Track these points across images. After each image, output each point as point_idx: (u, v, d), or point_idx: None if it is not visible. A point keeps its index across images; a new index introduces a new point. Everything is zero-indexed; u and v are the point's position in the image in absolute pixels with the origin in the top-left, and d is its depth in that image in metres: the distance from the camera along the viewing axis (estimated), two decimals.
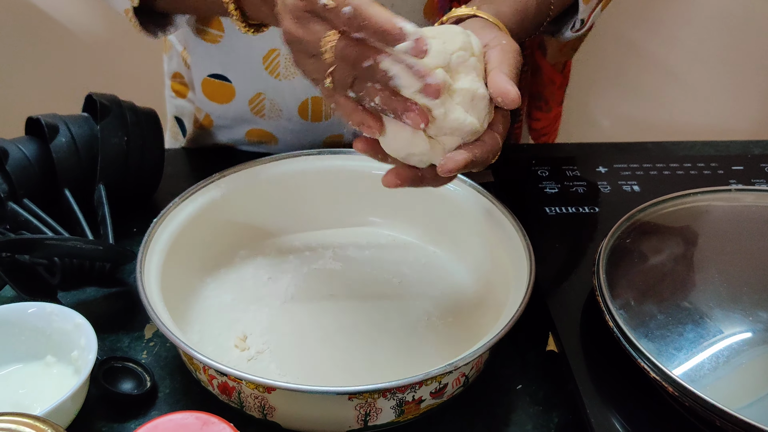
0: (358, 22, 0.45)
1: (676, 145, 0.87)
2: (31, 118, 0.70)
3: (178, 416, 0.40)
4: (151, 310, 0.52)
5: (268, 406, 0.50)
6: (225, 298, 0.63)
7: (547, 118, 0.93)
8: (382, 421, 0.50)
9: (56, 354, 0.55)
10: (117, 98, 0.72)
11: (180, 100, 0.87)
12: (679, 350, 0.50)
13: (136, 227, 0.70)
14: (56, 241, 0.60)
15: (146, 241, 0.58)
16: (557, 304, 0.58)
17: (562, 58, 0.88)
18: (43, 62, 1.35)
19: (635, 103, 1.30)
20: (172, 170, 0.78)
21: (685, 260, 0.59)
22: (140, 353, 0.59)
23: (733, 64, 1.26)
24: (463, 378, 0.52)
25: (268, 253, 0.68)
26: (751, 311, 0.52)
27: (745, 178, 0.74)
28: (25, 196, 0.66)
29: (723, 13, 1.21)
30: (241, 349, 0.58)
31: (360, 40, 0.46)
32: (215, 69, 0.78)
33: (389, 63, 0.46)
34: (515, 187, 0.73)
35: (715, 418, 0.46)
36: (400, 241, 0.70)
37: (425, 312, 0.62)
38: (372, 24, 0.45)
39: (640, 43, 1.25)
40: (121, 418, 0.53)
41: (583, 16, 0.69)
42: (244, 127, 0.81)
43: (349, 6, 0.45)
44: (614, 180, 0.74)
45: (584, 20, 0.69)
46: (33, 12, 1.30)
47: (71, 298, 0.63)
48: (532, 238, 0.59)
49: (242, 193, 0.66)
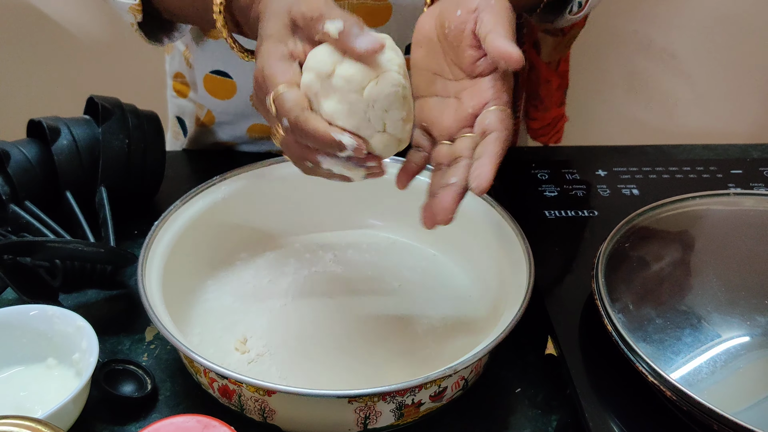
0: (298, 132, 0.47)
1: (676, 149, 0.88)
2: (32, 120, 0.71)
3: (179, 419, 0.40)
4: (152, 312, 0.52)
5: (268, 409, 0.50)
6: (225, 301, 0.63)
7: (544, 118, 0.93)
8: (381, 424, 0.51)
9: (57, 356, 0.55)
10: (118, 101, 0.72)
11: (181, 100, 0.87)
12: (677, 354, 0.50)
13: (137, 230, 0.71)
14: (58, 243, 0.60)
15: (147, 243, 0.58)
16: (556, 308, 0.59)
17: (557, 56, 0.88)
18: (44, 65, 1.35)
19: (634, 107, 1.31)
20: (173, 172, 0.78)
21: (683, 264, 0.59)
22: (141, 356, 0.59)
23: (733, 68, 1.26)
24: (462, 381, 0.52)
25: (269, 256, 0.68)
26: (749, 315, 0.52)
27: (744, 182, 0.74)
28: (26, 198, 0.66)
29: (722, 16, 1.21)
30: (241, 352, 0.58)
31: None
32: (217, 65, 0.78)
33: (330, 163, 0.48)
34: (515, 191, 0.73)
35: (713, 422, 0.46)
36: (400, 244, 0.70)
37: (425, 315, 0.62)
38: (311, 135, 0.46)
39: (639, 46, 1.25)
40: (122, 421, 0.54)
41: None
42: (245, 123, 0.82)
43: (285, 119, 0.47)
44: (613, 183, 0.74)
45: (582, 2, 0.69)
46: (35, 15, 1.30)
47: (72, 301, 0.64)
48: (532, 241, 0.59)
49: (243, 196, 0.67)
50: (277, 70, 0.48)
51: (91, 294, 0.65)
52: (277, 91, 0.47)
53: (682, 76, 1.27)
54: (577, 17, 0.70)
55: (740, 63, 1.26)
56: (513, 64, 0.48)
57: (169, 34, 0.72)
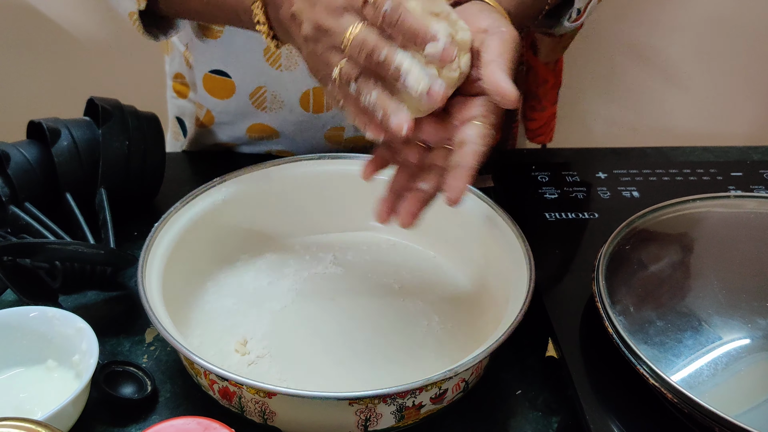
0: (394, 17, 0.47)
1: (676, 151, 0.88)
2: (32, 121, 0.71)
3: (180, 422, 0.40)
4: (152, 314, 0.52)
5: (268, 411, 0.50)
6: (226, 303, 0.63)
7: (542, 118, 0.94)
8: (382, 426, 0.50)
9: (57, 358, 0.55)
10: (118, 102, 0.72)
11: (181, 101, 0.87)
12: (678, 356, 0.50)
13: (137, 231, 0.71)
14: (57, 245, 0.60)
15: (147, 245, 0.58)
16: (557, 310, 0.59)
17: (554, 57, 0.89)
18: (45, 66, 1.35)
19: (635, 109, 1.31)
20: (173, 174, 0.78)
21: (684, 267, 0.59)
22: (141, 357, 0.59)
23: (732, 69, 1.26)
24: (463, 383, 0.52)
25: (269, 258, 0.68)
26: (750, 318, 0.52)
27: (744, 184, 0.74)
28: (26, 199, 0.66)
29: (722, 17, 1.22)
30: (241, 354, 0.58)
31: (383, 33, 0.48)
32: (216, 65, 0.78)
33: (403, 57, 0.47)
34: (515, 193, 0.73)
35: (714, 425, 0.46)
36: (401, 245, 0.70)
37: (425, 317, 0.62)
38: (406, 22, 0.46)
39: (639, 48, 1.25)
40: (122, 423, 0.54)
41: (580, 6, 0.69)
42: (245, 123, 0.82)
43: (390, 2, 0.46)
44: (614, 186, 0.74)
45: (581, 9, 0.69)
46: (35, 16, 1.30)
47: (72, 302, 0.64)
48: (532, 243, 0.59)
49: (243, 198, 0.67)
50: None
51: (91, 295, 0.65)
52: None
53: (682, 79, 1.27)
54: (575, 25, 0.71)
55: (740, 65, 1.26)
56: (507, 103, 0.49)
57: (166, 30, 0.72)
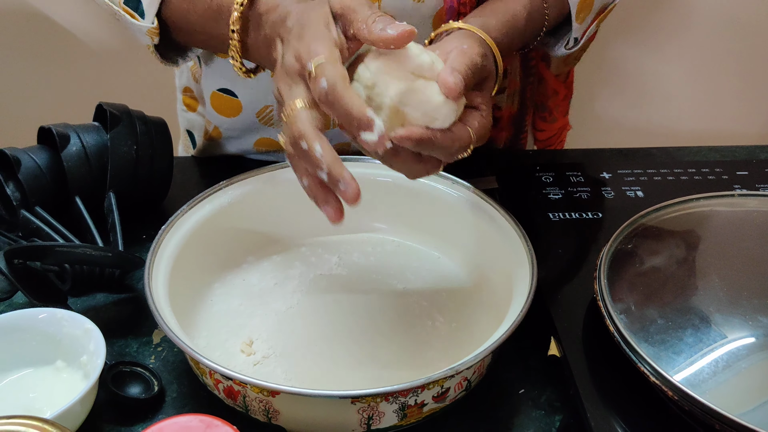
0: (330, 99, 0.47)
1: (681, 151, 0.87)
2: (43, 127, 0.72)
3: (183, 419, 0.41)
4: (158, 316, 0.53)
5: (272, 410, 0.51)
6: (232, 304, 0.64)
7: (551, 129, 0.93)
8: (384, 424, 0.51)
9: (66, 359, 0.56)
10: (127, 108, 0.73)
11: (191, 114, 0.88)
12: (680, 355, 0.50)
13: (145, 234, 0.72)
14: (67, 248, 0.61)
15: (155, 247, 0.59)
16: (559, 309, 0.59)
17: (566, 68, 0.89)
18: (55, 73, 1.37)
19: (640, 109, 1.30)
20: (181, 178, 0.79)
21: (686, 265, 0.59)
22: (148, 358, 0.60)
23: (739, 69, 1.26)
24: (465, 382, 0.53)
25: (275, 259, 0.68)
26: (752, 316, 0.52)
27: (750, 183, 0.73)
28: (36, 203, 0.67)
29: (728, 18, 1.21)
30: (247, 354, 0.58)
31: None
32: (223, 83, 0.79)
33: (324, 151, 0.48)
34: (519, 193, 0.73)
35: (715, 423, 0.46)
36: (405, 247, 0.71)
37: (429, 317, 0.62)
38: (342, 105, 0.47)
39: (644, 48, 1.25)
40: (129, 422, 0.54)
41: (577, 35, 0.69)
42: (252, 137, 0.83)
43: (326, 81, 0.47)
44: (618, 186, 0.74)
45: (578, 39, 0.70)
46: (46, 24, 1.32)
47: (81, 304, 0.65)
48: (536, 243, 0.59)
49: (249, 200, 0.67)
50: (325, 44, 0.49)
51: (99, 297, 0.66)
52: (319, 59, 0.48)
53: (688, 78, 1.27)
54: (571, 51, 0.71)
55: (747, 64, 1.26)
56: (447, 91, 0.50)
57: (183, 55, 0.73)
